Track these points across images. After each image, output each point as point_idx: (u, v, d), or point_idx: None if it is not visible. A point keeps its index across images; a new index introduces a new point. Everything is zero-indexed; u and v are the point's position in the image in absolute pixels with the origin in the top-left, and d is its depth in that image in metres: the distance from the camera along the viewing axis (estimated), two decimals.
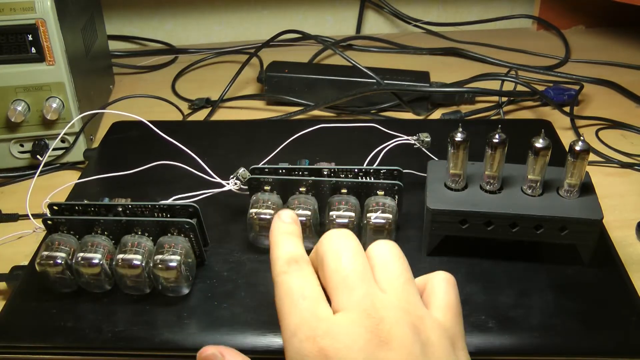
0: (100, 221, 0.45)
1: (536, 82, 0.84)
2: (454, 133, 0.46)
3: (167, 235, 0.45)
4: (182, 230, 0.45)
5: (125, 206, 0.46)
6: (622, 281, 0.46)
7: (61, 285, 0.45)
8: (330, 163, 0.51)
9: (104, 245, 0.44)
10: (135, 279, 0.43)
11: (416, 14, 1.05)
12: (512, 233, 0.46)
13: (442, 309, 0.32)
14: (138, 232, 0.45)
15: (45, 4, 0.59)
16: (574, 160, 0.45)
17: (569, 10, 1.05)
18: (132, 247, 0.43)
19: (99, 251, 0.44)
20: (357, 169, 0.49)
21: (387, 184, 0.48)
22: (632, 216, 0.56)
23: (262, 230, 0.47)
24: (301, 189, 0.49)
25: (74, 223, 0.46)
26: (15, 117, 0.61)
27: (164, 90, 0.85)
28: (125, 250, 0.43)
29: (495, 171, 0.46)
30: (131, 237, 0.45)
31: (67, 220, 0.45)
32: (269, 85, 0.80)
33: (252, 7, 1.03)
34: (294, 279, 0.32)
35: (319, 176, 0.49)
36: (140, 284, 0.44)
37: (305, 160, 0.52)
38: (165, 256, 0.43)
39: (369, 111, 0.78)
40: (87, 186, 0.57)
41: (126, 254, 0.43)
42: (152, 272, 0.43)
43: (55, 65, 0.61)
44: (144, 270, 0.43)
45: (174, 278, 0.43)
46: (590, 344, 0.41)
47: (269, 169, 0.50)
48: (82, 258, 0.43)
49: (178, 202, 0.46)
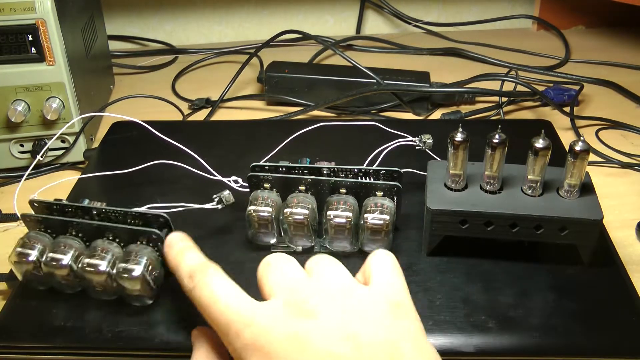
0: (74, 223, 0.44)
1: (536, 82, 0.84)
2: (454, 133, 0.46)
3: (136, 244, 0.43)
4: (150, 240, 0.43)
5: (100, 210, 0.45)
6: (622, 281, 0.46)
7: (36, 283, 0.44)
8: (330, 162, 0.51)
9: (76, 248, 0.43)
10: (101, 284, 0.43)
11: (416, 14, 1.05)
12: (512, 233, 0.46)
13: (377, 277, 0.33)
14: (109, 237, 0.44)
15: (46, 4, 0.59)
16: (574, 161, 0.45)
17: (569, 10, 1.05)
18: (100, 252, 0.42)
19: (68, 252, 0.43)
20: (356, 169, 0.49)
21: (386, 185, 0.48)
22: (632, 216, 0.56)
23: (260, 228, 0.48)
24: (300, 188, 0.49)
25: (51, 223, 0.45)
26: (15, 117, 0.61)
27: (164, 90, 0.85)
28: (93, 254, 0.42)
29: (495, 171, 0.46)
30: (101, 242, 0.43)
31: (43, 219, 0.45)
32: (269, 85, 0.80)
33: (252, 7, 1.03)
34: (202, 289, 0.33)
35: (318, 175, 0.49)
36: (107, 289, 0.43)
37: (306, 159, 0.52)
38: (129, 265, 0.41)
39: (369, 111, 0.78)
40: (88, 186, 0.57)
41: (92, 259, 0.42)
42: (116, 279, 0.42)
43: (55, 66, 0.61)
44: (108, 277, 0.42)
45: (138, 288, 0.42)
46: (590, 344, 0.41)
47: (269, 166, 0.50)
48: (51, 258, 0.43)
49: (150, 211, 0.44)
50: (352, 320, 0.29)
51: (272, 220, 0.47)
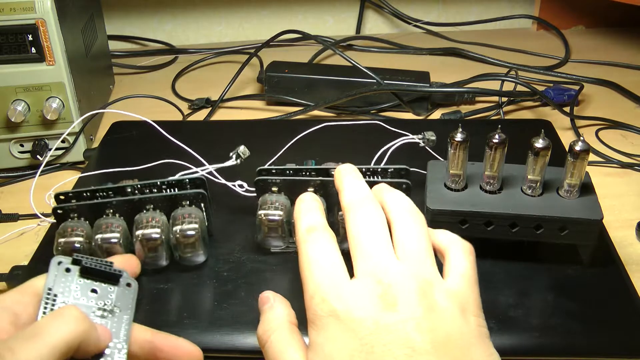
0: (113, 203, 0.46)
1: (536, 82, 0.84)
2: (454, 133, 0.46)
3: (179, 208, 0.47)
4: (193, 201, 0.47)
5: (134, 186, 0.48)
6: (622, 281, 0.46)
7: None
8: (337, 163, 0.51)
9: (118, 225, 0.45)
10: (154, 253, 0.45)
11: (416, 14, 1.05)
12: (512, 233, 0.46)
13: (455, 277, 0.33)
14: (150, 208, 0.47)
15: (45, 4, 0.59)
16: (573, 161, 0.45)
17: (569, 10, 1.05)
18: (148, 222, 0.45)
19: (116, 230, 0.45)
20: (364, 169, 0.49)
21: (396, 182, 0.48)
22: (632, 216, 0.56)
23: (270, 232, 0.47)
24: (309, 190, 0.48)
25: (84, 209, 0.47)
26: (15, 117, 0.61)
27: (164, 90, 0.85)
28: (142, 226, 0.45)
29: (495, 171, 0.46)
30: (145, 214, 0.46)
31: (77, 207, 0.46)
32: (269, 85, 0.80)
33: (252, 7, 1.03)
34: (312, 247, 0.35)
35: (326, 176, 0.49)
36: (158, 257, 0.45)
37: (311, 160, 0.52)
38: (184, 226, 0.45)
39: (369, 111, 0.78)
40: (88, 185, 0.57)
41: (145, 229, 0.45)
42: (172, 243, 0.45)
43: (55, 65, 0.61)
44: (162, 243, 0.45)
45: (193, 246, 0.45)
46: (590, 344, 0.41)
47: (276, 169, 0.49)
48: (102, 239, 0.44)
49: (186, 176, 0.48)
50: (430, 318, 0.31)
51: (282, 223, 0.47)
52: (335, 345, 0.31)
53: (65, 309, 0.32)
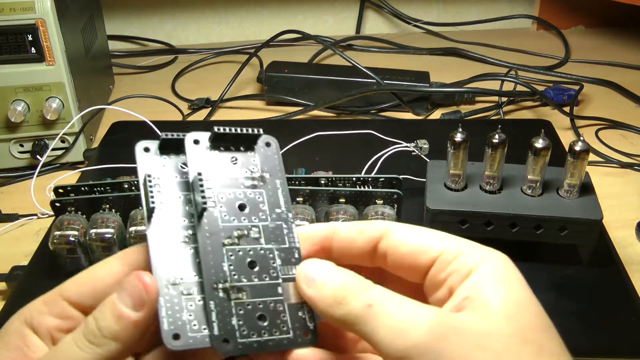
0: (109, 198, 0.47)
1: (536, 82, 0.84)
2: (454, 133, 0.46)
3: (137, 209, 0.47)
4: None
5: (131, 182, 0.48)
6: (622, 281, 0.46)
7: (72, 265, 0.45)
8: (327, 172, 0.50)
9: (114, 220, 0.46)
10: None
11: (416, 14, 1.05)
12: (512, 233, 0.46)
13: (500, 309, 0.25)
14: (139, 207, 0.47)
15: (45, 4, 0.59)
16: (573, 160, 0.45)
17: (569, 10, 1.05)
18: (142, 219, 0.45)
19: (110, 226, 0.45)
20: (355, 178, 0.48)
21: (386, 192, 0.47)
22: (632, 216, 0.56)
23: None
24: (298, 199, 0.48)
25: (82, 203, 0.47)
26: (15, 117, 0.61)
27: (164, 90, 0.85)
28: (136, 222, 0.45)
29: (495, 171, 0.46)
30: (140, 210, 0.46)
31: (75, 201, 0.47)
32: (268, 85, 0.80)
33: (252, 7, 1.03)
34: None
35: (316, 185, 0.48)
36: None
37: (301, 169, 0.52)
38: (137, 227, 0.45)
39: (369, 111, 0.78)
40: None
41: (139, 226, 0.45)
42: None
43: (55, 65, 0.61)
44: None
45: None
46: (590, 344, 0.41)
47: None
48: (96, 234, 0.45)
49: None
50: None
51: None
52: None
53: None
